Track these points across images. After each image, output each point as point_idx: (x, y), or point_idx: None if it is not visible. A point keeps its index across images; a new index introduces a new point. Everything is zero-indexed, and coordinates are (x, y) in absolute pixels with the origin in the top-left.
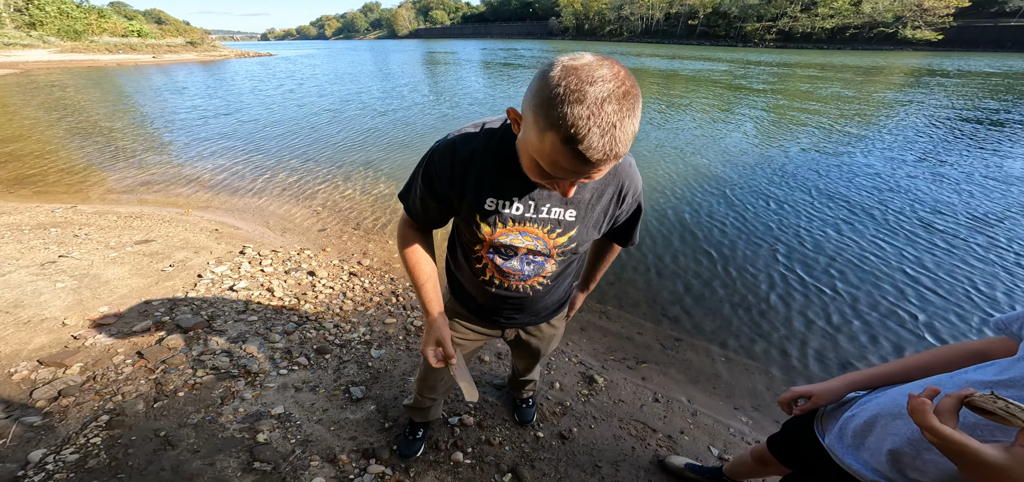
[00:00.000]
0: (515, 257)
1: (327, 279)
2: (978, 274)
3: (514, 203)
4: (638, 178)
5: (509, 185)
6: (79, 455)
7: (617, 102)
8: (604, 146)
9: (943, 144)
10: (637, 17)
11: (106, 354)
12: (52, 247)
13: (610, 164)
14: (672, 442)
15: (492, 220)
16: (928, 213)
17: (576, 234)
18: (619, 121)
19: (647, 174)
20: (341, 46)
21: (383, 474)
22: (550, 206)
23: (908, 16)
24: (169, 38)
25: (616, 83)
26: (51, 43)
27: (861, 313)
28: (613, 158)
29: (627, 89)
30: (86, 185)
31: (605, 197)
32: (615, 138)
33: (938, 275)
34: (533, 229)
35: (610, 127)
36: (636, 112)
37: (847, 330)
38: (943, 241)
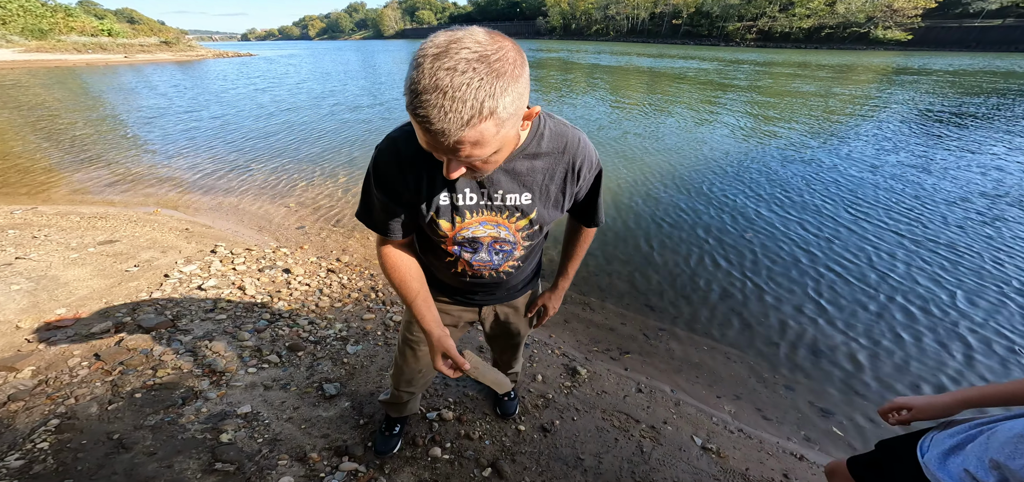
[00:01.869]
0: (482, 249)
1: (303, 276)
2: (961, 255)
3: (467, 193)
4: (591, 152)
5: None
6: (24, 461)
7: (463, 68)
8: (441, 116)
9: (913, 137)
10: (623, 17)
11: (60, 357)
12: (8, 249)
13: (463, 136)
14: (655, 432)
15: (450, 215)
16: (903, 200)
17: (536, 216)
18: (457, 86)
19: (632, 169)
20: (325, 46)
21: (356, 471)
22: (504, 192)
23: (879, 17)
24: (142, 38)
25: (465, 49)
26: (14, 42)
27: (840, 300)
28: (457, 128)
29: (482, 54)
30: (48, 186)
31: (557, 176)
32: (452, 104)
33: (915, 259)
34: (493, 217)
35: (442, 92)
36: (493, 81)
37: (828, 317)
38: (919, 226)
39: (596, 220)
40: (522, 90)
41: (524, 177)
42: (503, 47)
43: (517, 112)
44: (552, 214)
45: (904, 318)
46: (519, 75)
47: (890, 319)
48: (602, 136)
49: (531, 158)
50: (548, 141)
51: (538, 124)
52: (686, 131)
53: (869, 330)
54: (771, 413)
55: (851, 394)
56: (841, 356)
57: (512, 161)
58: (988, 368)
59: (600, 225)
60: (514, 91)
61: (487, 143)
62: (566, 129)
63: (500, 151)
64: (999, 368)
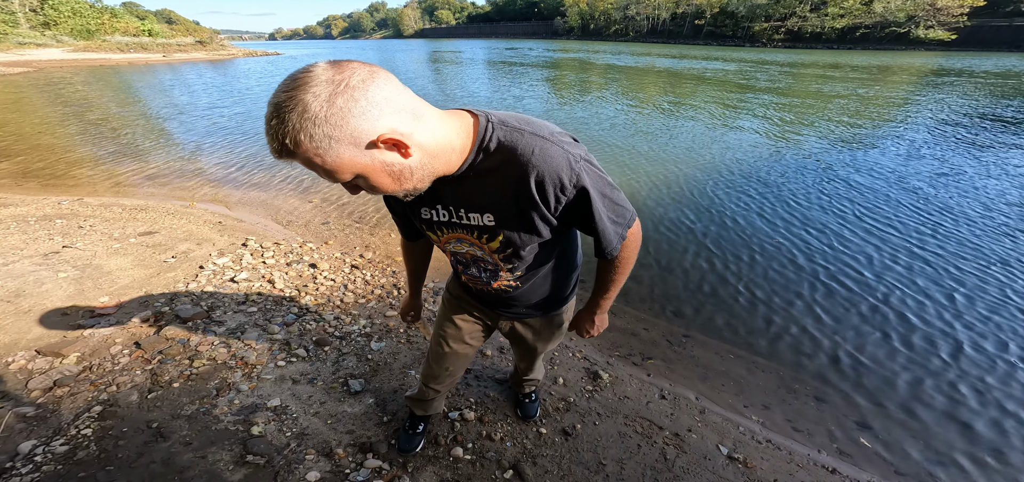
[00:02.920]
0: (471, 264)
1: (329, 271)
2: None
3: (439, 209)
4: (554, 165)
5: (437, 191)
6: (69, 447)
7: (285, 90)
8: (268, 131)
9: (957, 145)
10: (643, 17)
11: (104, 344)
12: (56, 238)
13: (292, 155)
14: (679, 440)
15: (433, 228)
16: (939, 211)
17: (504, 239)
18: (274, 109)
19: (653, 170)
20: (347, 46)
21: (380, 468)
22: (465, 211)
23: (921, 15)
24: (179, 37)
25: (298, 77)
26: (65, 42)
27: (878, 313)
28: (277, 145)
29: (310, 81)
30: (94, 178)
31: (509, 193)
32: (272, 126)
33: (951, 277)
34: (466, 235)
35: (268, 116)
36: (331, 95)
37: (864, 329)
38: (972, 240)
39: (606, 248)
40: (362, 119)
41: (478, 197)
42: (334, 74)
43: (355, 136)
44: (528, 237)
45: (946, 337)
46: (351, 101)
47: (932, 336)
48: (619, 137)
49: (479, 176)
50: (493, 156)
51: (484, 134)
52: (711, 133)
53: (908, 344)
54: (802, 424)
55: (887, 408)
56: (878, 370)
57: (461, 178)
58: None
59: (611, 256)
60: (345, 118)
61: (324, 169)
62: (519, 138)
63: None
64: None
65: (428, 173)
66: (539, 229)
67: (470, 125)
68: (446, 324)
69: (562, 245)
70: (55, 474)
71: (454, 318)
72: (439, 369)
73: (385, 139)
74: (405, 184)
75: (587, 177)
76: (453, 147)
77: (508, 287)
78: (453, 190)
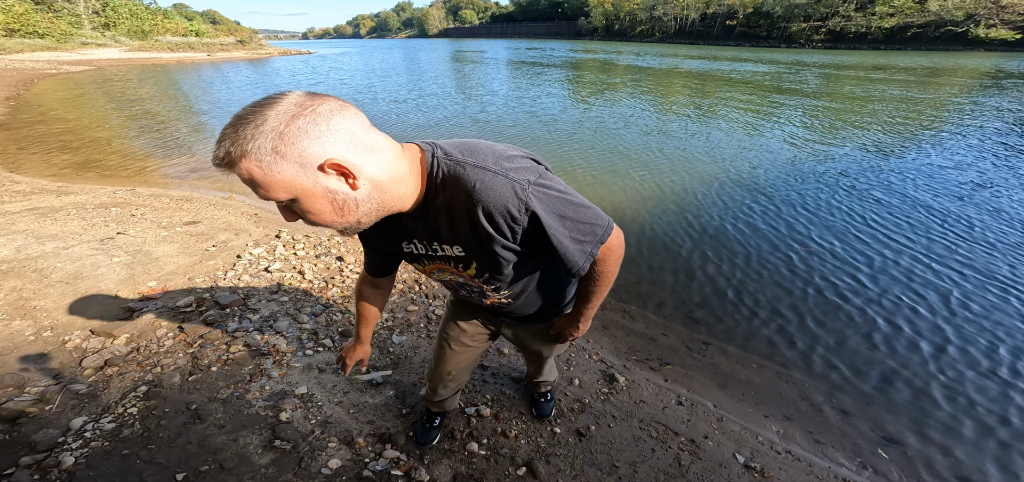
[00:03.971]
0: (458, 288)
1: (355, 265)
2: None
3: (416, 243)
4: (497, 196)
5: (408, 227)
6: (116, 424)
7: (252, 106)
8: (219, 138)
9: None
10: (670, 17)
11: (151, 327)
12: (111, 225)
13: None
14: (695, 446)
15: (416, 260)
16: (992, 231)
17: (478, 266)
18: (235, 119)
19: (676, 174)
20: (374, 45)
21: (398, 459)
22: (437, 244)
23: (982, 14)
24: (222, 37)
25: (271, 97)
26: (122, 42)
27: (905, 329)
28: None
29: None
30: (145, 170)
31: (466, 227)
32: (225, 133)
33: (1000, 298)
34: (444, 265)
35: (226, 125)
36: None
37: (890, 346)
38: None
39: (571, 268)
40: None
41: (443, 230)
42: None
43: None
44: (499, 264)
45: (984, 354)
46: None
47: (968, 352)
48: (639, 138)
49: (437, 212)
50: (443, 190)
51: (430, 169)
52: (737, 137)
53: (939, 359)
54: (824, 437)
55: (917, 423)
56: (909, 387)
57: (421, 214)
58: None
59: (579, 274)
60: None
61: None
62: (462, 172)
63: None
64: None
65: (376, 207)
66: (505, 256)
67: (417, 156)
68: (450, 326)
69: (547, 258)
70: (102, 450)
71: (458, 321)
72: (442, 370)
73: (333, 164)
74: (347, 217)
75: (537, 203)
76: (406, 182)
77: (500, 303)
78: (421, 225)
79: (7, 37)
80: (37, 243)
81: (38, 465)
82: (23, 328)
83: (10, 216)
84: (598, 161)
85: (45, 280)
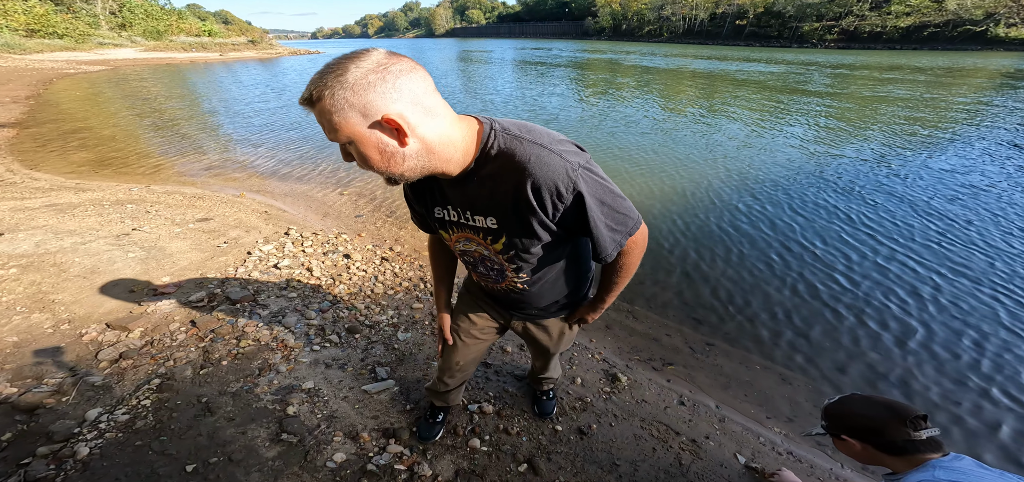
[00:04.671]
0: (477, 263)
1: (361, 262)
2: None
3: (450, 209)
4: (550, 172)
5: (446, 192)
6: (130, 416)
7: (342, 57)
8: (310, 81)
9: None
10: (679, 17)
11: (164, 321)
12: (127, 221)
13: (312, 104)
14: (696, 446)
15: (445, 227)
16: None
17: (507, 241)
18: (325, 66)
19: (682, 175)
20: (382, 44)
21: (401, 454)
22: (471, 212)
23: (1002, 12)
24: (234, 37)
25: (358, 51)
26: (137, 42)
27: (910, 336)
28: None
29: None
30: (160, 168)
31: (509, 199)
32: (314, 78)
33: (1013, 303)
34: (472, 236)
35: (317, 70)
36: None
37: (896, 351)
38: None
39: (601, 253)
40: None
41: (481, 200)
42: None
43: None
44: (530, 241)
45: (992, 368)
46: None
47: (977, 362)
48: (647, 140)
49: (482, 180)
50: (494, 161)
51: (486, 141)
52: (743, 139)
53: (943, 369)
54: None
55: None
56: (912, 390)
57: (465, 180)
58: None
59: (606, 261)
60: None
61: (328, 128)
62: (518, 146)
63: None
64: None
65: (421, 165)
66: (539, 234)
67: (475, 131)
68: (460, 318)
69: (570, 250)
70: (115, 441)
71: (468, 313)
72: (450, 361)
73: (389, 119)
74: (393, 168)
75: (584, 184)
76: (456, 148)
77: (516, 287)
78: (459, 192)
79: (27, 37)
80: (56, 238)
81: (54, 455)
82: (42, 321)
83: (30, 212)
84: (602, 161)
85: (63, 274)
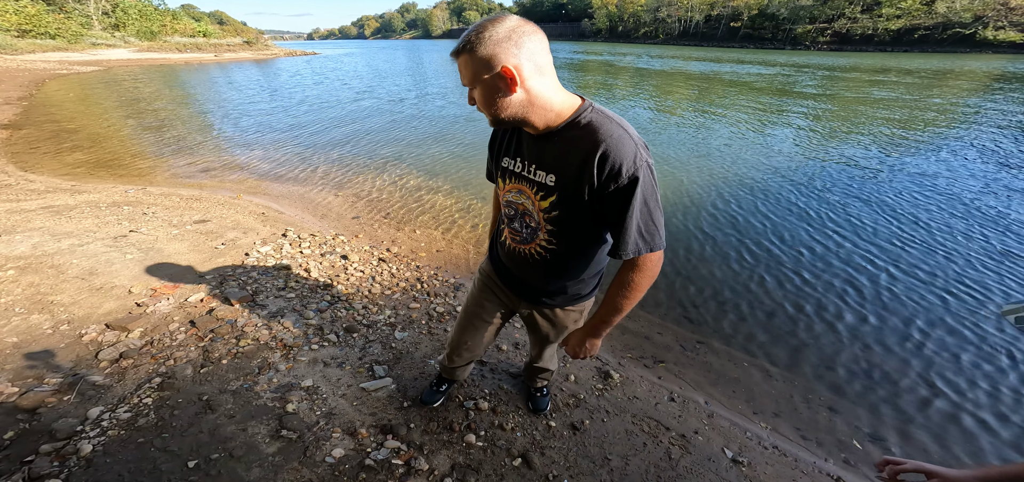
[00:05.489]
0: (516, 217)
1: (358, 263)
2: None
3: (517, 161)
4: (625, 152)
5: (514, 143)
6: (132, 414)
7: (491, 18)
8: (464, 35)
9: (1009, 155)
10: (674, 19)
11: (164, 321)
12: (124, 223)
13: (461, 53)
14: (685, 441)
15: (504, 176)
16: (985, 231)
17: (557, 200)
18: (478, 25)
19: (674, 175)
20: (379, 45)
21: (398, 449)
22: (536, 167)
23: (990, 15)
24: (229, 38)
25: (501, 15)
26: (131, 43)
27: (895, 334)
28: (463, 43)
29: (498, 18)
30: (155, 169)
31: (577, 160)
32: (467, 33)
33: (990, 300)
34: (525, 188)
35: (471, 27)
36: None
37: (881, 345)
38: (988, 257)
39: (621, 247)
40: (514, 54)
41: (552, 157)
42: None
43: (490, 59)
44: (576, 207)
45: (971, 360)
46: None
47: (960, 361)
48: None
49: (562, 141)
50: (582, 128)
51: (580, 112)
52: (733, 140)
53: (927, 363)
54: (811, 434)
55: (904, 423)
56: (893, 384)
57: (547, 138)
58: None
59: (623, 256)
60: (494, 46)
61: (464, 73)
62: (606, 124)
63: (479, 93)
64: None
65: (519, 112)
66: (586, 202)
67: (576, 103)
68: (472, 299)
69: (595, 243)
70: (118, 438)
71: (479, 296)
72: (461, 339)
73: (507, 70)
74: (500, 112)
75: (642, 175)
76: (552, 109)
77: (537, 252)
78: (535, 147)
79: (19, 38)
80: (53, 240)
81: (57, 452)
82: (41, 322)
83: (26, 214)
84: None
85: (62, 276)
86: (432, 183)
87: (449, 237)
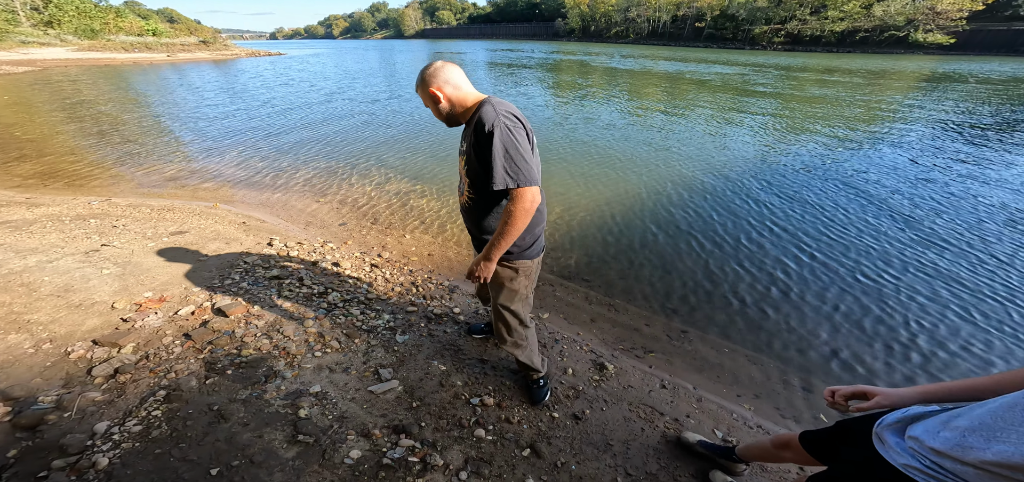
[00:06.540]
0: (459, 181)
1: (351, 270)
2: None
3: (462, 144)
4: (488, 117)
5: (464, 131)
6: (143, 426)
7: (427, 66)
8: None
9: (950, 146)
10: (644, 19)
11: (155, 336)
12: (93, 236)
13: (418, 89)
14: (678, 425)
15: (460, 155)
16: (932, 213)
17: (466, 159)
18: (422, 71)
19: (655, 175)
20: (349, 46)
21: (413, 447)
22: (463, 141)
23: (920, 19)
24: (182, 37)
25: (433, 62)
26: (69, 41)
27: (859, 311)
28: (419, 78)
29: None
30: (117, 179)
31: (470, 129)
32: (419, 75)
33: (950, 279)
34: (460, 159)
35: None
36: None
37: (847, 325)
38: (954, 242)
39: (492, 179)
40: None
41: (467, 133)
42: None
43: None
44: (474, 162)
45: (926, 332)
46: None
47: (912, 331)
48: (613, 141)
49: (469, 123)
50: (476, 113)
51: (480, 104)
52: (705, 138)
53: (890, 339)
54: (789, 412)
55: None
56: (860, 362)
57: (467, 125)
58: None
59: (495, 186)
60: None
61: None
62: (486, 105)
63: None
64: None
65: (450, 115)
66: (474, 155)
67: (480, 98)
68: None
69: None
70: (134, 450)
71: None
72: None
73: (433, 91)
74: (439, 115)
75: (499, 129)
76: (467, 109)
77: (466, 203)
78: (463, 131)
79: None
80: (17, 257)
81: (72, 467)
82: (20, 341)
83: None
84: (576, 163)
85: (34, 294)
86: (417, 186)
87: (440, 240)
